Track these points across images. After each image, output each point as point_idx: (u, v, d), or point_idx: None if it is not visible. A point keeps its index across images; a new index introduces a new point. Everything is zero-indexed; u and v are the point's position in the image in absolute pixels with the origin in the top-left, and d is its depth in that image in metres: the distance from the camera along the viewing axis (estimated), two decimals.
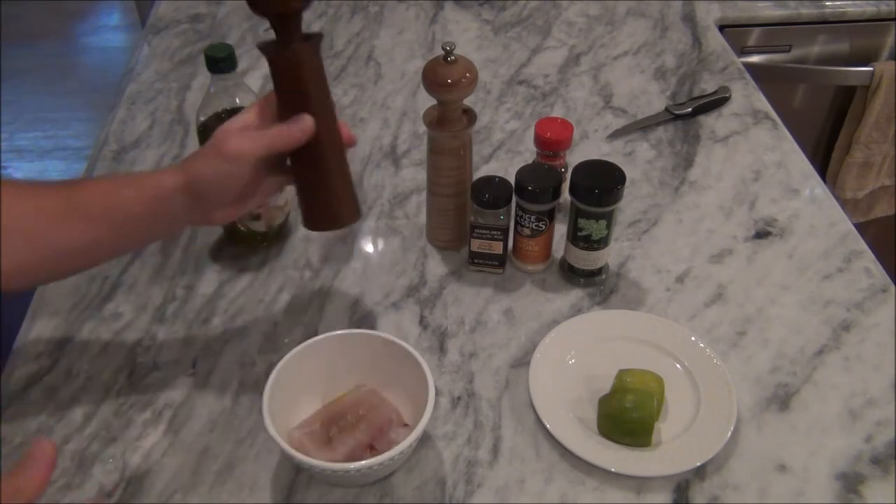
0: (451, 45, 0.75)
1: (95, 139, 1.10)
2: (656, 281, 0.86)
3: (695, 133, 1.09)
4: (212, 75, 0.80)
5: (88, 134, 2.81)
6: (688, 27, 1.32)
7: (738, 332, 0.81)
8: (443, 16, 1.36)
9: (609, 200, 0.79)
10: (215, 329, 0.81)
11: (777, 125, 1.10)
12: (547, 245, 0.86)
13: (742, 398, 0.74)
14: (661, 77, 1.20)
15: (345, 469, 0.61)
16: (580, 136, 1.08)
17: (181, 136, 1.08)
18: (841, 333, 0.80)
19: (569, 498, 0.66)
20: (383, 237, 0.92)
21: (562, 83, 1.19)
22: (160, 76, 1.21)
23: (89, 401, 0.74)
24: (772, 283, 0.86)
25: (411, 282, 0.86)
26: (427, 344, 0.80)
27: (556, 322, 0.81)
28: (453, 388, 0.75)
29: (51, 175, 2.67)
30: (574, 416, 0.72)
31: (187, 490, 0.67)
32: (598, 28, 1.32)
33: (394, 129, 1.09)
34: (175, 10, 1.38)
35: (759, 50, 1.43)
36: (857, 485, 0.67)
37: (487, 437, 0.71)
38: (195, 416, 0.73)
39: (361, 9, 1.38)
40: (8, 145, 2.79)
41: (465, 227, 0.86)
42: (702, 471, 0.68)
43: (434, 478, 0.68)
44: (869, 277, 0.86)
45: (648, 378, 0.72)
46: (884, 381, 0.76)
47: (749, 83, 1.19)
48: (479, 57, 1.25)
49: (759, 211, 0.95)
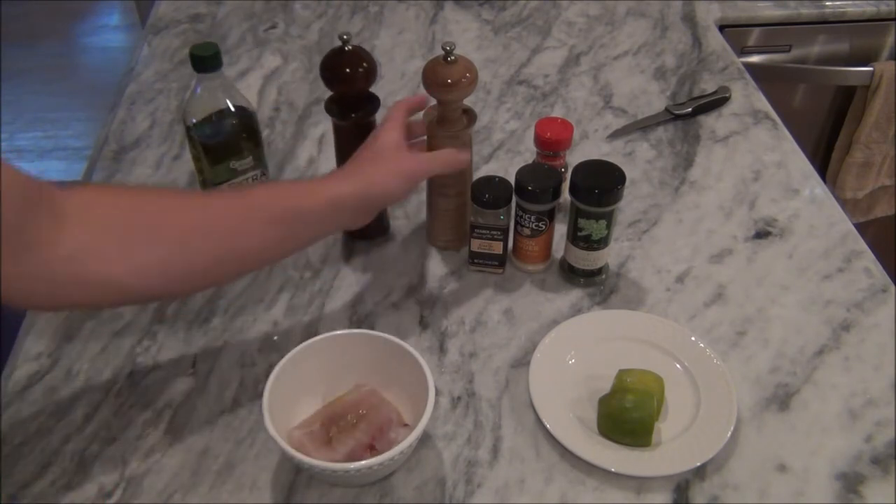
0: (451, 44, 0.75)
1: (95, 139, 1.10)
2: (656, 281, 0.86)
3: (695, 133, 1.09)
4: (198, 75, 0.80)
5: (88, 134, 2.81)
6: (688, 27, 1.32)
7: (738, 332, 0.81)
8: (443, 16, 1.36)
9: (609, 200, 0.79)
10: (215, 329, 0.81)
11: (777, 125, 1.10)
12: (547, 245, 0.86)
13: (742, 398, 0.74)
14: (661, 77, 1.20)
15: (345, 469, 0.61)
16: (580, 136, 1.08)
17: (181, 136, 1.08)
18: (841, 333, 0.80)
19: (569, 498, 0.66)
20: (383, 237, 0.92)
21: (562, 83, 1.19)
22: (160, 76, 1.21)
23: (89, 401, 0.74)
24: (772, 283, 0.86)
25: (411, 282, 0.86)
26: (427, 344, 0.80)
27: (556, 322, 0.81)
28: (453, 388, 0.75)
29: (51, 175, 2.67)
30: (574, 416, 0.72)
31: (187, 490, 0.67)
32: (598, 28, 1.32)
33: None
34: (175, 10, 1.38)
35: (759, 50, 1.43)
36: (857, 485, 0.67)
37: (487, 437, 0.71)
38: (195, 416, 0.73)
39: (361, 9, 1.38)
40: (8, 145, 2.79)
41: (465, 227, 0.86)
42: (702, 471, 0.68)
43: (434, 478, 0.68)
44: (869, 277, 0.86)
45: (648, 378, 0.72)
46: (884, 381, 0.76)
47: (749, 83, 1.19)
48: (479, 57, 1.25)
49: (759, 211, 0.95)
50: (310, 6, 1.37)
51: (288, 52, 1.26)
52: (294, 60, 1.24)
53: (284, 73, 1.21)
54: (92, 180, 1.01)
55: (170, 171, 1.02)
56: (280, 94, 1.17)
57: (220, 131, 0.83)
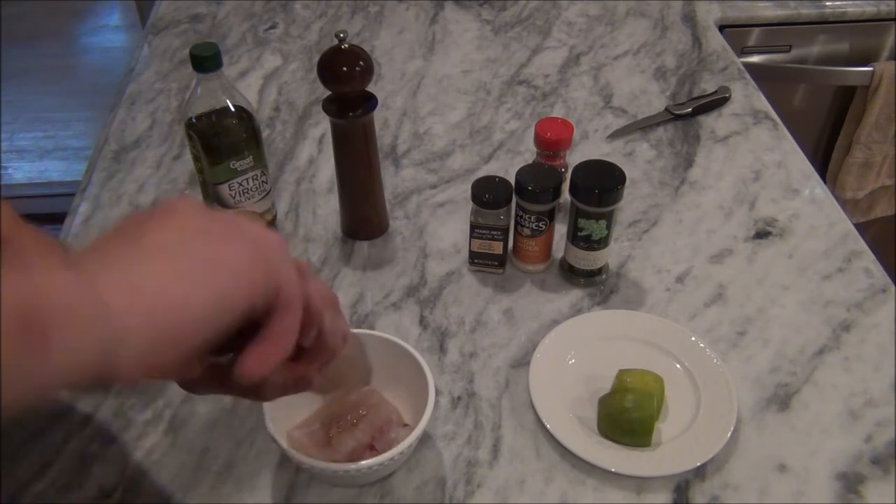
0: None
1: (95, 139, 1.10)
2: (656, 281, 0.86)
3: (695, 133, 1.09)
4: (198, 75, 0.80)
5: (88, 134, 2.81)
6: (688, 27, 1.32)
7: (738, 332, 0.81)
8: (443, 16, 1.36)
9: (609, 200, 0.79)
10: None
11: (777, 125, 1.10)
12: (547, 245, 0.86)
13: (742, 398, 0.74)
14: (661, 77, 1.20)
15: (345, 469, 0.61)
16: (580, 136, 1.08)
17: (181, 136, 1.08)
18: (841, 333, 0.80)
19: (569, 498, 0.66)
20: (383, 237, 0.92)
21: (562, 83, 1.19)
22: (160, 76, 1.21)
23: (89, 401, 0.74)
24: (772, 283, 0.86)
25: (411, 282, 0.86)
26: (427, 344, 0.80)
27: (556, 322, 0.81)
28: (453, 388, 0.75)
29: (51, 175, 2.67)
30: (574, 416, 0.72)
31: (187, 490, 0.67)
32: (598, 28, 1.32)
33: (394, 129, 1.09)
34: (175, 10, 1.38)
35: (759, 50, 1.43)
36: (857, 485, 0.67)
37: (487, 437, 0.71)
38: (195, 416, 0.73)
39: (361, 9, 1.38)
40: (8, 145, 2.79)
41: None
42: (702, 471, 0.68)
43: (434, 478, 0.68)
44: (869, 277, 0.86)
45: (648, 378, 0.72)
46: (884, 381, 0.76)
47: (749, 83, 1.19)
48: (480, 57, 1.25)
49: (759, 211, 0.95)
50: (310, 6, 1.37)
51: (288, 52, 1.26)
52: (294, 60, 1.24)
53: (284, 73, 1.21)
54: (92, 180, 1.01)
55: (170, 171, 1.02)
56: (280, 94, 1.17)
57: (220, 131, 0.83)
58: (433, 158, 1.04)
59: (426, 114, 1.13)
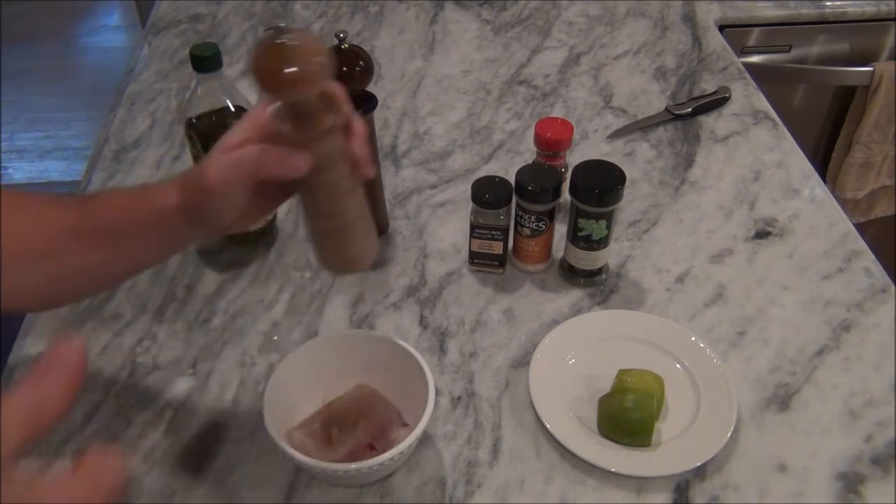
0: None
1: (95, 139, 1.10)
2: (656, 281, 0.86)
3: (695, 133, 1.09)
4: (198, 75, 0.80)
5: (88, 134, 2.81)
6: (688, 27, 1.32)
7: (738, 332, 0.81)
8: (443, 16, 1.36)
9: (609, 200, 0.79)
10: (215, 329, 0.81)
11: (777, 125, 1.10)
12: (547, 245, 0.86)
13: (742, 398, 0.74)
14: (661, 77, 1.20)
15: (345, 469, 0.61)
16: (580, 136, 1.08)
17: (181, 136, 1.08)
18: (841, 333, 0.80)
19: (569, 498, 0.66)
20: (383, 237, 0.92)
21: (562, 83, 1.19)
22: (160, 76, 1.21)
23: (89, 401, 0.74)
24: (772, 283, 0.86)
25: (411, 282, 0.86)
26: (427, 344, 0.80)
27: (556, 322, 0.81)
28: (453, 388, 0.75)
29: (51, 175, 2.67)
30: (574, 416, 0.72)
31: (187, 490, 0.67)
32: (598, 28, 1.32)
33: (394, 129, 1.10)
34: (175, 10, 1.38)
35: (759, 50, 1.43)
36: (857, 485, 0.67)
37: (487, 437, 0.71)
38: (195, 416, 0.73)
39: (361, 9, 1.38)
40: (8, 145, 2.79)
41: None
42: (702, 471, 0.68)
43: (434, 478, 0.68)
44: (869, 277, 0.86)
45: (648, 378, 0.72)
46: (884, 381, 0.76)
47: (749, 83, 1.19)
48: (480, 57, 1.25)
49: (759, 211, 0.95)
50: (310, 6, 1.37)
51: None
52: None
53: None
54: (92, 180, 1.01)
55: (170, 171, 1.02)
56: None
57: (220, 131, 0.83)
58: (433, 158, 1.04)
59: (426, 114, 1.13)
